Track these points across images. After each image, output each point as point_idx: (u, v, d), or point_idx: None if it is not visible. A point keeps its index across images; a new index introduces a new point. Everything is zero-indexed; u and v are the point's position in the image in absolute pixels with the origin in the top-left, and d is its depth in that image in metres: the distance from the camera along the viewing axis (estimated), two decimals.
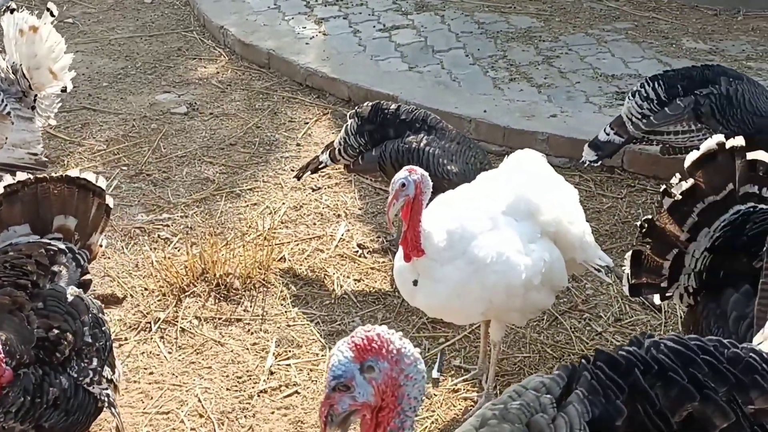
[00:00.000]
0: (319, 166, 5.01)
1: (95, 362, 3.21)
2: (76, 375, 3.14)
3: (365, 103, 4.87)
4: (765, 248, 2.04)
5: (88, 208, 3.61)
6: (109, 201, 3.70)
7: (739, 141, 3.40)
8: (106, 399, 3.22)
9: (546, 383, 1.98)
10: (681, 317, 4.36)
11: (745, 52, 6.85)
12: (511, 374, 4.10)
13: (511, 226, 3.72)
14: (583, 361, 1.95)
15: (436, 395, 3.98)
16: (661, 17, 7.52)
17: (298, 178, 5.21)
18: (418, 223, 3.60)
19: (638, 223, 3.50)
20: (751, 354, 1.92)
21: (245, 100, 6.63)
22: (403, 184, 3.60)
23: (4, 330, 2.99)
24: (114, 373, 3.33)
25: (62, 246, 3.46)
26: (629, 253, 3.55)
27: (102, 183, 3.66)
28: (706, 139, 4.72)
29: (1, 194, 3.47)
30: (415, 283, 3.69)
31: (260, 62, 7.16)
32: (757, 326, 2.08)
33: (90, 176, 3.63)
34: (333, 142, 4.92)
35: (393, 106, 4.73)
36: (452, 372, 4.11)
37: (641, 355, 1.94)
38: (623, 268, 3.61)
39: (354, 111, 4.83)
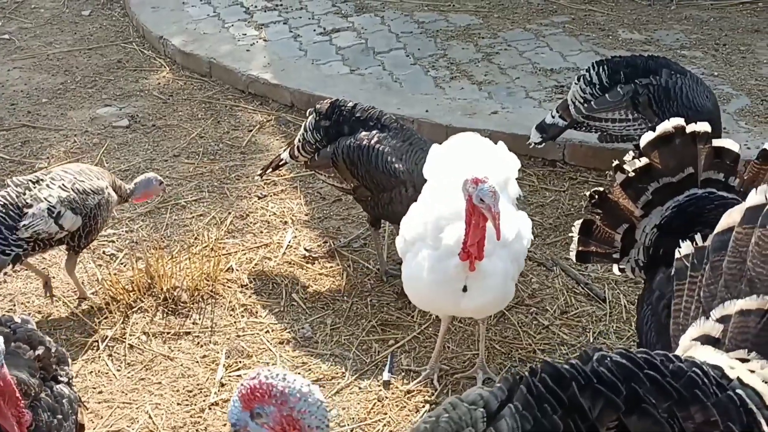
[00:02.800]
0: (280, 164, 5.04)
1: (67, 367, 3.22)
2: (66, 380, 3.15)
3: (324, 100, 4.89)
4: (673, 272, 2.06)
5: None
6: None
7: (702, 126, 3.46)
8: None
9: (484, 396, 1.96)
10: (625, 307, 4.46)
11: (679, 41, 6.97)
12: (462, 371, 4.14)
13: (504, 198, 3.87)
14: (526, 373, 1.93)
15: (387, 398, 4.01)
16: (597, 9, 7.63)
17: (261, 175, 5.26)
18: (485, 229, 3.61)
19: (587, 193, 3.58)
20: (694, 369, 1.90)
21: (188, 111, 6.60)
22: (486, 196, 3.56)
23: (12, 370, 2.92)
24: None
25: None
26: (579, 221, 3.63)
27: None
28: (642, 129, 4.86)
29: None
30: (465, 288, 3.71)
31: (201, 71, 7.13)
32: (674, 343, 2.08)
33: None
34: (294, 139, 4.94)
35: (350, 104, 4.75)
36: (403, 374, 4.14)
37: (583, 368, 1.92)
38: (571, 247, 3.69)
39: (313, 108, 4.86)
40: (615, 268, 3.66)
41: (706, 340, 1.91)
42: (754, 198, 1.91)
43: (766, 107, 5.93)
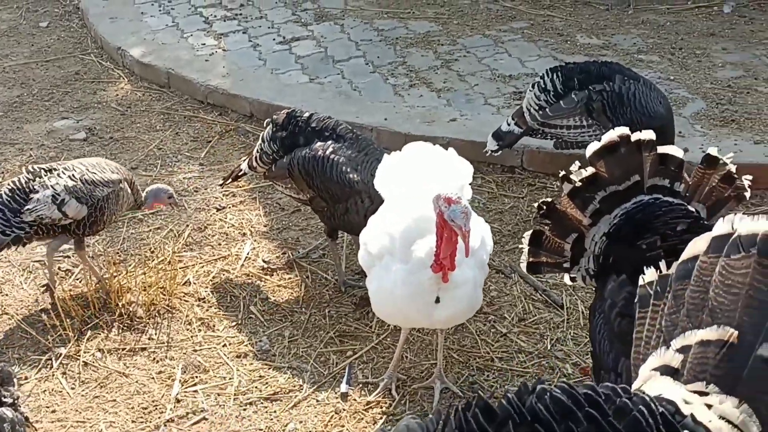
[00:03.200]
0: (240, 174, 5.01)
1: (12, 387, 3.16)
2: (11, 401, 3.09)
3: (281, 111, 4.87)
4: (636, 299, 2.04)
5: None
6: None
7: (647, 135, 3.49)
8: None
9: (411, 427, 1.92)
10: (583, 313, 4.47)
11: (636, 45, 7.03)
12: (419, 381, 4.12)
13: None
14: (459, 407, 1.88)
15: (345, 410, 3.99)
16: (555, 15, 7.67)
17: (222, 185, 5.23)
18: (456, 242, 3.60)
19: (536, 205, 3.59)
20: (641, 407, 1.82)
21: (146, 122, 6.55)
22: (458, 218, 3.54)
23: None
24: None
25: None
26: (528, 232, 3.64)
27: None
28: (597, 135, 4.89)
29: None
30: (438, 300, 3.70)
31: (160, 82, 7.08)
32: (634, 372, 2.03)
33: None
34: (253, 150, 4.92)
35: (306, 115, 4.74)
36: (360, 385, 4.12)
37: (519, 405, 1.86)
38: (515, 246, 3.71)
39: (270, 118, 4.84)
40: (566, 277, 3.67)
41: (666, 370, 1.85)
42: (720, 227, 1.88)
43: (721, 111, 5.98)
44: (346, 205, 4.47)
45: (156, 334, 4.46)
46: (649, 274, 1.98)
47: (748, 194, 3.58)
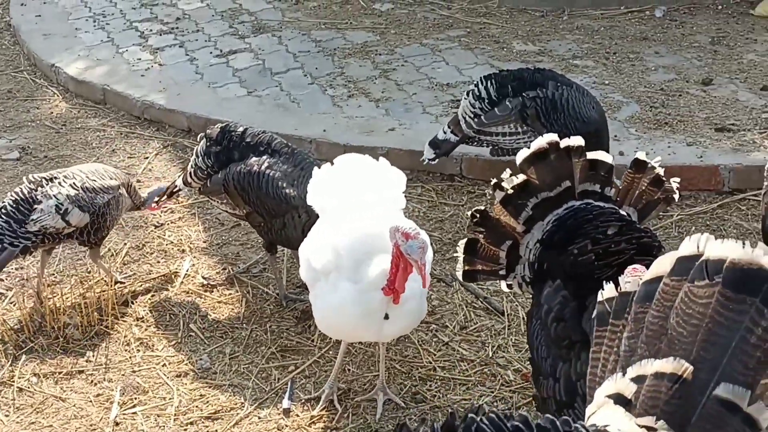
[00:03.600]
0: (175, 191, 4.94)
1: None
2: None
3: (215, 125, 4.82)
4: (594, 315, 1.95)
5: None
6: None
7: (576, 141, 3.52)
8: None
9: None
10: (524, 319, 4.49)
11: (571, 50, 7.11)
12: (362, 394, 4.11)
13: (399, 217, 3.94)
14: None
15: (287, 426, 3.96)
16: (492, 22, 7.72)
17: (157, 203, 5.12)
18: (411, 272, 3.62)
19: (469, 212, 3.61)
20: None
21: (81, 140, 6.45)
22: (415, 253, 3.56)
23: None
24: None
25: None
26: (463, 241, 3.66)
27: None
28: (532, 142, 4.90)
29: None
30: (387, 316, 3.72)
31: (95, 99, 6.98)
32: (589, 395, 1.92)
33: None
34: (187, 165, 4.86)
35: (240, 129, 4.69)
36: (303, 400, 4.09)
37: None
38: (456, 255, 3.72)
39: (204, 133, 4.78)
40: (503, 284, 3.69)
41: (619, 399, 1.70)
42: (686, 247, 1.75)
43: (654, 114, 6.07)
44: (283, 221, 4.45)
45: (94, 356, 4.39)
46: (608, 290, 1.86)
47: (677, 196, 3.65)
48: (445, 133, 5.36)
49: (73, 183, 4.60)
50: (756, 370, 1.57)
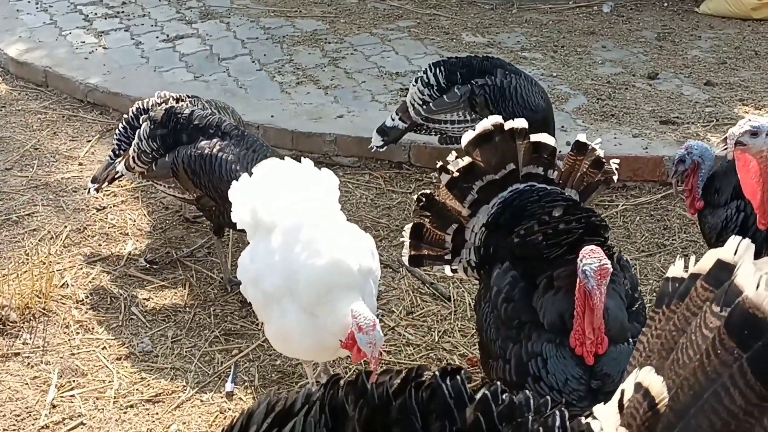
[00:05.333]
0: (116, 177, 4.82)
1: None
2: None
3: (159, 107, 4.72)
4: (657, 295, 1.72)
5: None
6: None
7: (519, 123, 3.52)
8: None
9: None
10: (470, 305, 4.49)
11: (520, 43, 7.14)
12: (306, 377, 4.06)
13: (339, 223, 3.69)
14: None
15: (230, 409, 3.89)
16: (441, 14, 7.73)
17: (97, 190, 5.00)
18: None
19: (415, 197, 3.58)
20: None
21: (21, 122, 6.29)
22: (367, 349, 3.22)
23: None
24: None
25: None
26: (409, 225, 3.63)
27: None
28: None
29: None
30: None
31: (37, 81, 6.82)
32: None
33: None
34: (128, 150, 4.74)
35: (187, 111, 4.60)
36: (246, 383, 4.03)
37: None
38: (402, 240, 3.69)
39: (147, 115, 4.67)
40: (447, 269, 3.68)
41: (621, 400, 1.56)
42: (729, 248, 1.48)
43: (601, 106, 6.13)
44: None
45: (31, 338, 4.27)
46: (678, 268, 1.60)
47: (616, 177, 3.68)
48: (393, 120, 5.32)
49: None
50: None
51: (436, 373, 1.57)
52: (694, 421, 1.42)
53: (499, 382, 1.63)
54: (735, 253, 1.47)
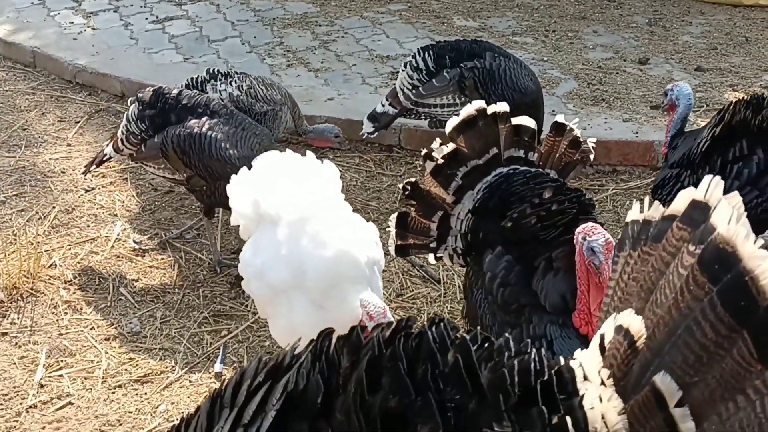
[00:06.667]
0: (104, 159, 4.79)
1: None
2: None
3: (147, 89, 4.69)
4: (618, 239, 1.71)
5: None
6: None
7: (502, 107, 3.51)
8: None
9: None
10: (459, 287, 4.49)
11: (512, 27, 7.13)
12: None
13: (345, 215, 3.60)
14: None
15: None
16: None
17: (85, 174, 4.99)
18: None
19: (400, 186, 3.56)
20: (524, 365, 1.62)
21: (9, 102, 6.25)
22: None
23: None
24: None
25: None
26: (394, 215, 3.62)
27: None
28: None
29: None
30: None
31: (25, 61, 6.77)
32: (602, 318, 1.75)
33: None
34: (116, 132, 4.70)
35: (174, 92, 4.58)
36: (235, 364, 4.02)
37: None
38: (388, 229, 3.67)
39: (135, 97, 4.64)
40: (431, 257, 3.67)
41: (602, 342, 1.59)
42: (702, 188, 1.51)
43: (592, 90, 6.12)
44: (227, 183, 4.34)
45: (18, 318, 4.25)
46: (635, 211, 1.66)
47: (592, 156, 3.69)
48: (383, 105, 5.29)
49: (240, 85, 4.92)
50: (694, 369, 1.45)
51: (425, 323, 1.61)
52: (669, 356, 1.47)
53: (479, 328, 1.68)
54: (706, 193, 1.52)
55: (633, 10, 7.49)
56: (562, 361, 1.58)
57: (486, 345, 1.61)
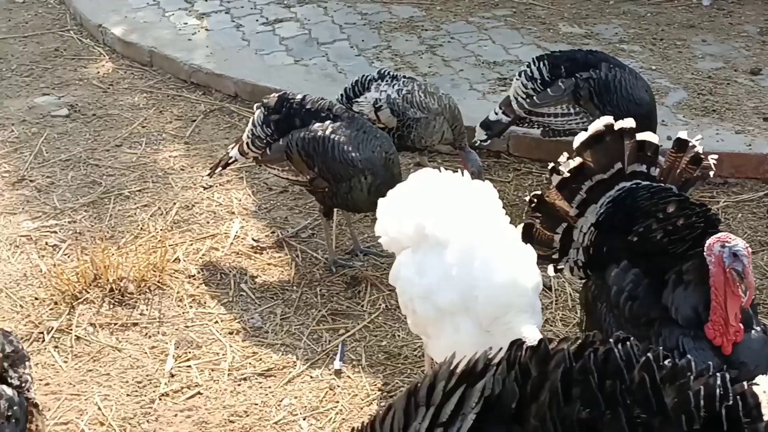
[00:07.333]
0: (230, 162, 4.97)
1: (23, 369, 3.17)
2: (17, 383, 3.10)
3: (272, 94, 4.87)
4: None
5: None
6: None
7: (628, 123, 3.57)
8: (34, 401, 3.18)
9: None
10: (571, 295, 4.54)
11: (618, 35, 7.11)
12: (412, 359, 4.17)
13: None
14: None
15: (339, 386, 4.02)
16: (537, 3, 7.72)
17: (210, 175, 5.19)
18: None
19: (527, 198, 3.64)
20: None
21: (129, 100, 6.51)
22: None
23: None
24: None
25: None
26: (520, 226, 3.69)
27: None
28: (584, 123, 4.95)
29: None
30: None
31: (142, 60, 7.03)
32: None
33: None
34: (242, 136, 4.89)
35: (299, 97, 4.74)
36: (353, 362, 4.15)
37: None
38: None
39: (261, 102, 4.82)
40: (550, 269, 3.72)
41: None
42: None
43: (702, 101, 6.08)
44: (349, 184, 4.49)
45: (147, 309, 4.46)
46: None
47: (712, 173, 3.72)
48: (496, 114, 5.37)
49: (400, 89, 5.10)
50: None
51: (611, 340, 1.71)
52: None
53: (661, 348, 1.79)
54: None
55: (743, 19, 7.39)
56: (746, 386, 1.65)
57: (668, 365, 1.69)
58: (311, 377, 4.07)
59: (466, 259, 3.34)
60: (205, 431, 3.78)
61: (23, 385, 3.13)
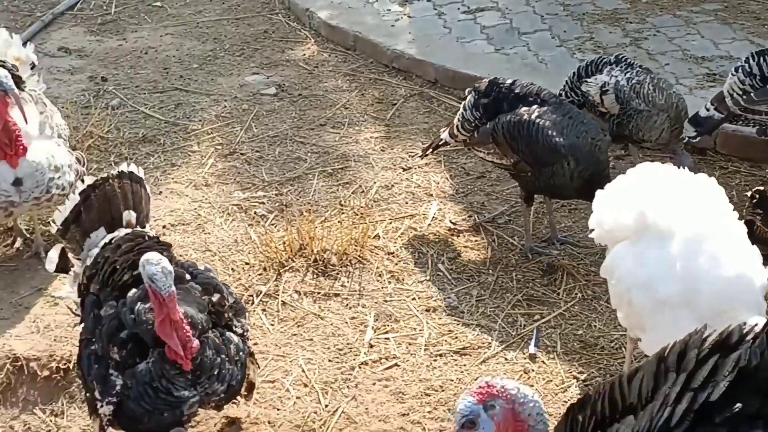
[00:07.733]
0: (440, 144, 5.08)
1: (243, 319, 3.43)
2: (240, 331, 3.37)
3: (483, 79, 4.94)
4: None
5: (140, 199, 3.78)
6: (149, 190, 3.90)
7: None
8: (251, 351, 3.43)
9: None
10: None
11: None
12: (608, 350, 4.12)
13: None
14: None
15: (533, 370, 4.04)
16: None
17: (422, 157, 5.35)
18: None
19: (748, 194, 3.52)
20: None
21: (332, 82, 6.73)
22: None
23: (182, 305, 3.14)
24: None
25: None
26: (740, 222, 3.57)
27: (142, 173, 3.85)
28: None
29: (81, 202, 3.66)
30: None
31: (346, 44, 7.25)
32: None
33: (136, 169, 3.83)
34: (453, 119, 4.99)
35: (508, 81, 4.79)
36: (548, 348, 4.15)
37: None
38: None
39: (472, 87, 4.90)
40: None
41: None
42: None
43: None
44: (552, 169, 4.49)
45: (348, 282, 4.62)
46: None
47: None
48: (707, 110, 5.19)
49: (630, 77, 5.10)
50: None
51: None
52: None
53: None
54: None
55: None
56: None
57: None
58: (506, 359, 4.11)
59: (691, 251, 3.26)
60: (402, 401, 3.89)
61: (245, 333, 3.35)
